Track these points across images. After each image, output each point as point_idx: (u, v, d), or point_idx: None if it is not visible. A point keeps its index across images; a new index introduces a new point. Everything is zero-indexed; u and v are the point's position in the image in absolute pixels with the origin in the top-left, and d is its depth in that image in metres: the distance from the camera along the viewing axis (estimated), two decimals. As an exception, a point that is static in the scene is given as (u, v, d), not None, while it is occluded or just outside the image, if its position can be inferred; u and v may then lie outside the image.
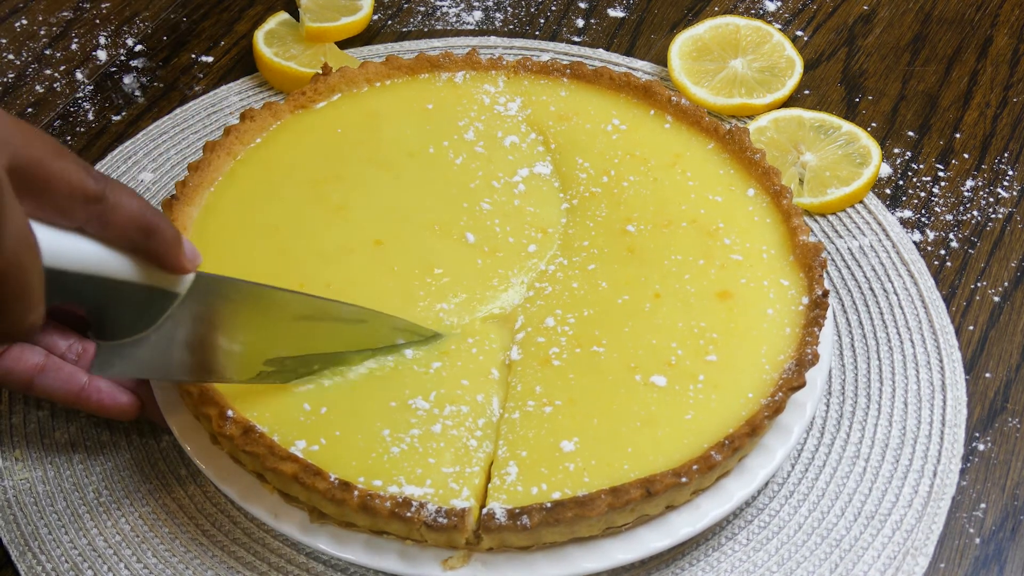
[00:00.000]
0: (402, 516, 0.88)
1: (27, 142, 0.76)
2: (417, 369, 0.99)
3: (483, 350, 1.01)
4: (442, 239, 1.09)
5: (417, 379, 0.98)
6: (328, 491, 0.89)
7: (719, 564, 0.99)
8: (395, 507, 0.88)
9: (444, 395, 0.97)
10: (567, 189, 1.14)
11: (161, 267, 0.86)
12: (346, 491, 0.89)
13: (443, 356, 1.00)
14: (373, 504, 0.88)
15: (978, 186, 1.28)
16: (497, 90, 1.21)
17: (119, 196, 0.82)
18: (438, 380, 0.98)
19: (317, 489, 0.89)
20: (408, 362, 1.00)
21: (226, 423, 0.92)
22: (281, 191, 1.11)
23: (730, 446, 0.92)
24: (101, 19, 1.46)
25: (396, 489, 0.91)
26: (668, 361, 0.99)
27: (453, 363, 1.00)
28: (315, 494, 0.89)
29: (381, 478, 0.91)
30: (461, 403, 0.97)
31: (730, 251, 1.07)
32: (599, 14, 1.48)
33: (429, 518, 0.88)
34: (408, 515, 0.88)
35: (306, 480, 0.89)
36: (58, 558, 0.97)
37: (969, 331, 1.16)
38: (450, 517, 0.88)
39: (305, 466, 0.90)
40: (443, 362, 1.00)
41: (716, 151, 1.15)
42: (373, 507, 0.88)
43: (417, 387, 0.98)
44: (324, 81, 1.19)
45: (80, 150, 1.30)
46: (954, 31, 1.46)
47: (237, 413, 0.93)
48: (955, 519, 1.03)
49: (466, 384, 0.98)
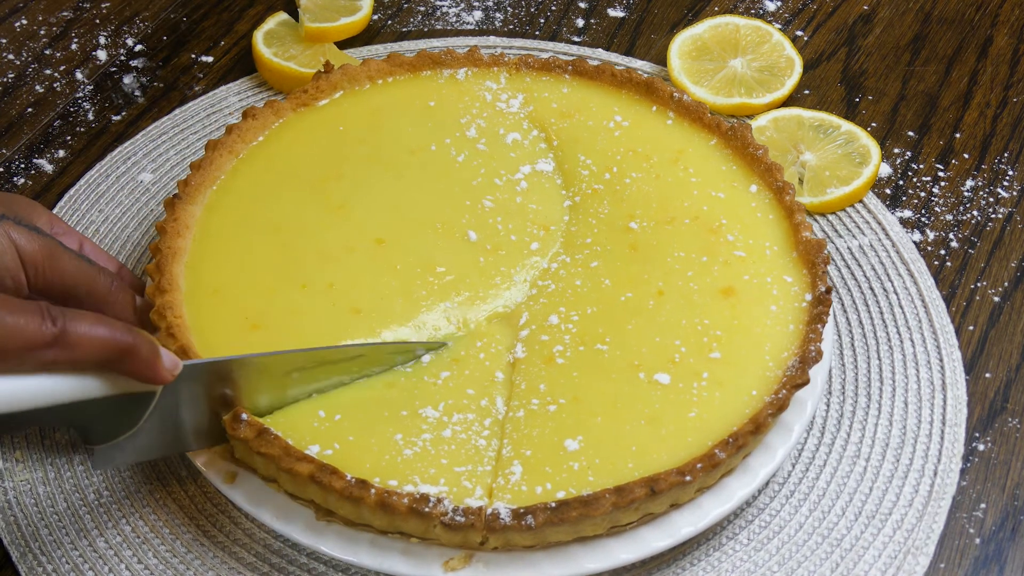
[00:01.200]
0: (420, 512, 0.88)
1: None
2: (427, 380, 0.99)
3: (489, 354, 1.01)
4: (444, 237, 1.09)
5: (427, 389, 0.98)
6: (345, 489, 0.88)
7: (720, 564, 0.99)
8: (413, 503, 0.88)
9: (452, 405, 0.97)
10: (569, 186, 1.14)
11: (141, 381, 0.87)
12: (363, 489, 0.88)
13: (452, 364, 1.00)
14: (391, 501, 0.88)
15: (978, 186, 1.28)
16: (499, 87, 1.21)
17: (80, 328, 0.82)
18: (446, 391, 0.98)
19: (334, 489, 0.88)
20: (420, 371, 1.00)
21: (240, 425, 0.92)
22: (283, 189, 1.11)
23: (734, 444, 0.92)
24: (101, 19, 1.46)
25: (412, 488, 0.90)
26: (672, 359, 0.99)
27: (461, 372, 1.00)
28: (331, 494, 0.89)
29: (396, 478, 0.91)
30: (468, 411, 0.97)
31: (733, 248, 1.07)
32: (599, 14, 1.48)
33: (447, 517, 0.88)
34: (427, 510, 0.88)
35: (323, 479, 0.89)
36: (59, 559, 0.97)
37: (969, 331, 1.16)
38: (467, 516, 0.88)
39: (321, 466, 0.89)
40: (452, 371, 1.00)
41: (718, 147, 1.15)
42: (391, 504, 0.88)
43: (427, 397, 0.97)
44: (326, 79, 1.19)
45: (80, 150, 1.30)
46: (954, 31, 1.47)
47: (250, 416, 0.93)
48: (955, 519, 1.03)
49: (472, 393, 0.98)
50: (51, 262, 0.87)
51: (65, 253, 0.89)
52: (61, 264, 0.88)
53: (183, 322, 0.99)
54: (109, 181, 1.26)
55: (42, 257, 0.87)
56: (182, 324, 0.99)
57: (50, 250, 0.88)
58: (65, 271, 0.89)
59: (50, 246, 0.88)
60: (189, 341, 0.97)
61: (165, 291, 1.00)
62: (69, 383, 0.82)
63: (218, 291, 1.03)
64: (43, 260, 0.87)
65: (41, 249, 0.87)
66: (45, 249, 0.87)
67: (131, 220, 1.22)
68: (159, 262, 1.02)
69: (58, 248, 0.88)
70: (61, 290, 0.89)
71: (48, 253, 0.87)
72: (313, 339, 1.00)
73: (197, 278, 1.03)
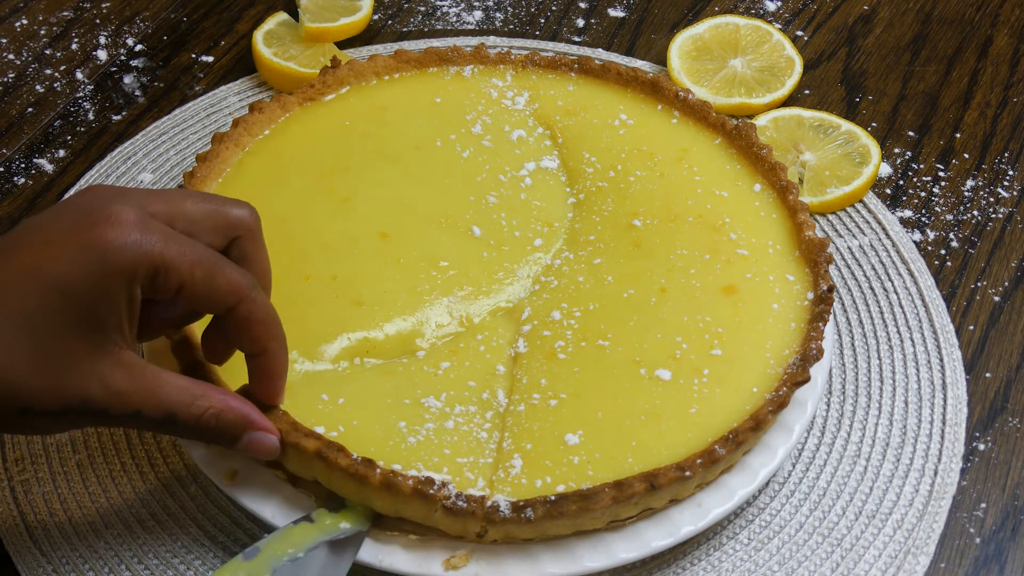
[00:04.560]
0: (425, 494, 0.87)
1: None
2: (427, 370, 0.99)
3: (491, 347, 1.01)
4: (448, 232, 1.09)
5: (428, 379, 0.98)
6: (351, 467, 0.88)
7: (720, 564, 0.99)
8: (418, 484, 0.88)
9: (453, 397, 0.97)
10: (574, 183, 1.14)
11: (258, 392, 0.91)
12: (369, 468, 0.88)
13: (452, 355, 1.00)
14: (395, 481, 0.88)
15: (978, 186, 1.28)
16: (505, 84, 1.22)
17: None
18: (447, 382, 0.98)
19: (339, 466, 0.88)
20: (419, 361, 1.00)
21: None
22: (288, 183, 1.11)
23: (733, 440, 0.92)
24: (101, 19, 1.46)
25: (416, 472, 0.90)
26: (673, 355, 0.99)
27: (461, 363, 1.00)
28: (336, 472, 0.89)
29: (400, 463, 0.91)
30: (469, 403, 0.97)
31: (736, 246, 1.07)
32: (599, 14, 1.48)
33: (449, 501, 0.88)
34: (431, 492, 0.88)
35: (328, 456, 0.88)
36: (58, 559, 0.97)
37: (969, 331, 1.16)
38: (470, 502, 0.88)
39: (327, 443, 0.89)
40: (452, 361, 1.00)
41: (723, 146, 1.15)
42: (395, 484, 0.87)
43: (428, 387, 0.97)
44: (333, 74, 1.19)
45: (80, 150, 1.30)
46: (954, 31, 1.47)
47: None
48: (955, 519, 1.03)
49: (473, 386, 0.98)
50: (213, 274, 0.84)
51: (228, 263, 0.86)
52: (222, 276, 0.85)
53: (186, 312, 0.99)
54: (109, 181, 1.26)
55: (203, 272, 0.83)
56: (185, 314, 0.99)
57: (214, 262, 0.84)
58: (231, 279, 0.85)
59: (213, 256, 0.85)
60: (190, 330, 0.97)
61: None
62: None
63: (222, 282, 1.03)
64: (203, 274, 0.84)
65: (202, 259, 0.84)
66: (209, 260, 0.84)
67: (131, 219, 1.22)
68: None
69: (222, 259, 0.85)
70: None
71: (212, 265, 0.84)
72: (315, 330, 1.00)
73: (201, 269, 1.03)
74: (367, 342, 1.00)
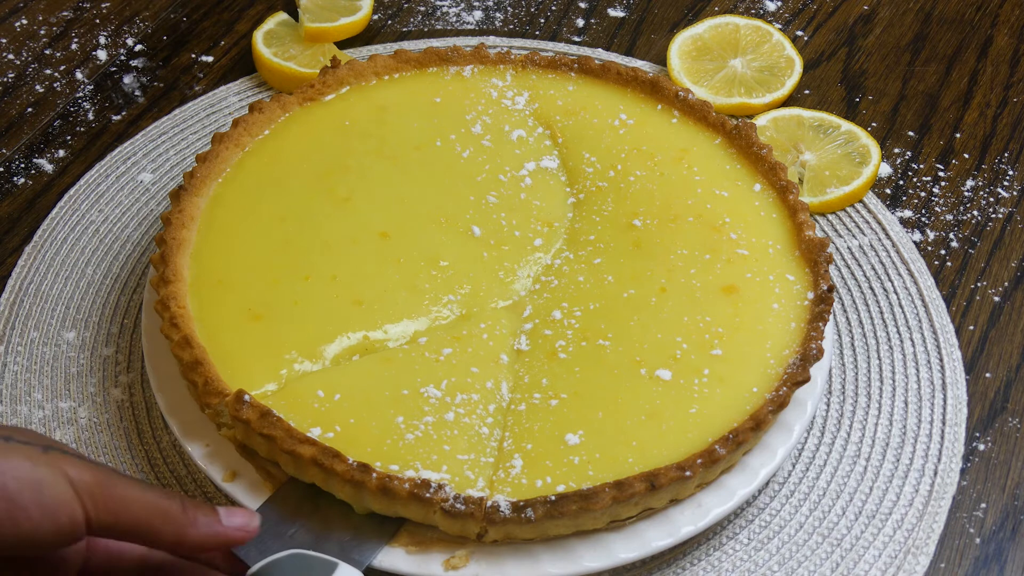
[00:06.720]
0: (421, 497, 0.88)
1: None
2: (428, 356, 0.99)
3: (493, 335, 1.02)
4: (448, 232, 1.09)
5: (428, 366, 0.98)
6: (347, 472, 0.88)
7: (720, 564, 0.99)
8: (414, 488, 0.88)
9: (455, 383, 0.97)
10: (574, 183, 1.14)
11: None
12: (365, 473, 0.88)
13: (454, 342, 1.00)
14: (392, 486, 0.88)
15: (978, 186, 1.28)
16: (505, 84, 1.22)
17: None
18: (448, 368, 0.98)
19: (336, 472, 0.88)
20: (420, 347, 1.00)
21: (243, 407, 0.92)
22: (288, 182, 1.11)
23: (734, 440, 0.93)
24: (101, 19, 1.46)
25: (413, 474, 0.90)
26: (673, 355, 0.99)
27: (464, 349, 1.00)
28: (333, 477, 0.89)
29: (398, 463, 0.91)
30: (472, 391, 0.97)
31: (736, 246, 1.07)
32: (599, 14, 1.48)
33: (447, 504, 0.88)
34: (428, 496, 0.88)
35: (324, 462, 0.89)
36: (59, 557, 0.97)
37: (969, 331, 1.16)
38: (468, 504, 0.88)
39: (323, 449, 0.89)
40: (454, 348, 1.00)
41: (723, 146, 1.15)
42: (392, 488, 0.88)
43: (429, 375, 0.97)
44: (333, 74, 1.19)
45: (80, 150, 1.30)
46: (954, 31, 1.47)
47: (253, 398, 0.93)
48: (955, 519, 1.03)
49: (476, 372, 0.98)
50: (110, 491, 0.75)
51: (123, 478, 0.76)
52: (120, 491, 0.75)
53: (186, 312, 0.99)
54: (109, 181, 1.26)
55: (99, 487, 0.74)
56: (185, 314, 0.99)
57: (107, 477, 0.75)
58: (128, 498, 0.76)
59: (106, 472, 0.75)
60: (191, 331, 0.97)
61: (169, 281, 1.00)
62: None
63: (222, 282, 1.03)
64: (101, 490, 0.74)
65: (95, 477, 0.75)
66: (101, 476, 0.75)
67: (131, 220, 1.22)
68: (164, 252, 1.02)
69: (115, 474, 0.76)
70: (129, 523, 0.76)
71: (105, 480, 0.75)
72: (315, 330, 1.00)
73: (201, 269, 1.04)
74: (367, 341, 1.00)
